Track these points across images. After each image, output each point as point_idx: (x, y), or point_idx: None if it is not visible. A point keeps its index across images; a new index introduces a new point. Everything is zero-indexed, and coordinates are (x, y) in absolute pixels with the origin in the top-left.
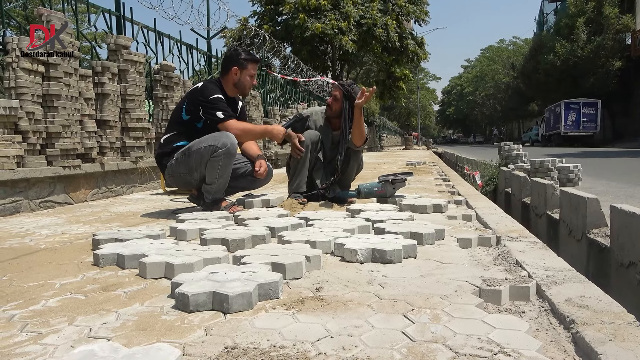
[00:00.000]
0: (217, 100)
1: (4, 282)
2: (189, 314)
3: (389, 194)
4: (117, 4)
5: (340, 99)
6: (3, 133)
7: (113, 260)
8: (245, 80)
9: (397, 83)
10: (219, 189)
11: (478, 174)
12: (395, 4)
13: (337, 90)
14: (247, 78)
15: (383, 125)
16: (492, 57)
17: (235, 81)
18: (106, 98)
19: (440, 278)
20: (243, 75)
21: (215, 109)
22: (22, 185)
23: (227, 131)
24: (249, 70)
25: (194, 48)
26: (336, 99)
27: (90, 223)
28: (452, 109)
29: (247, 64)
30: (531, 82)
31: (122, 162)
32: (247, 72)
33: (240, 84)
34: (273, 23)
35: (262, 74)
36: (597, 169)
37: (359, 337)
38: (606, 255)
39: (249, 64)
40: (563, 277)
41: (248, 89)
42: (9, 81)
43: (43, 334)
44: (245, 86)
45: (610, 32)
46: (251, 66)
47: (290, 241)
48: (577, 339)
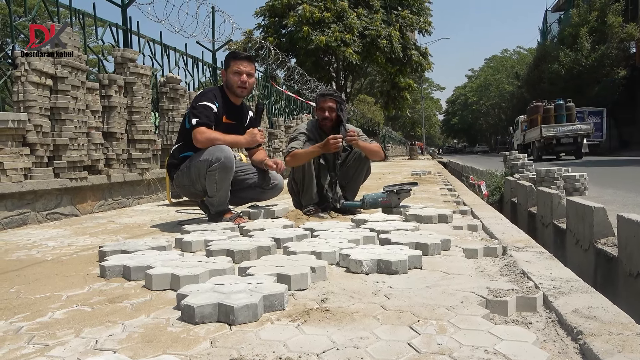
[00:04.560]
0: (201, 107)
1: (11, 294)
2: (194, 325)
3: (394, 204)
4: (124, 18)
5: (335, 107)
6: (11, 146)
7: (119, 271)
8: (231, 79)
9: (402, 93)
10: (221, 201)
11: (484, 183)
12: (399, 15)
13: (331, 101)
14: (231, 76)
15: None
16: (496, 67)
17: (225, 83)
18: (113, 110)
19: (446, 289)
20: (228, 75)
21: (193, 116)
22: (29, 197)
23: (195, 139)
24: (232, 68)
25: (200, 60)
26: (332, 109)
27: (97, 235)
28: (457, 118)
29: (229, 62)
30: (536, 91)
31: (129, 173)
32: (231, 70)
33: (227, 84)
34: (277, 35)
35: (266, 85)
36: (603, 178)
37: (364, 348)
38: (614, 265)
39: (231, 61)
40: (570, 287)
41: (237, 88)
42: (17, 95)
43: (50, 346)
44: (232, 85)
45: (614, 41)
46: (233, 63)
47: (296, 252)
48: (585, 350)
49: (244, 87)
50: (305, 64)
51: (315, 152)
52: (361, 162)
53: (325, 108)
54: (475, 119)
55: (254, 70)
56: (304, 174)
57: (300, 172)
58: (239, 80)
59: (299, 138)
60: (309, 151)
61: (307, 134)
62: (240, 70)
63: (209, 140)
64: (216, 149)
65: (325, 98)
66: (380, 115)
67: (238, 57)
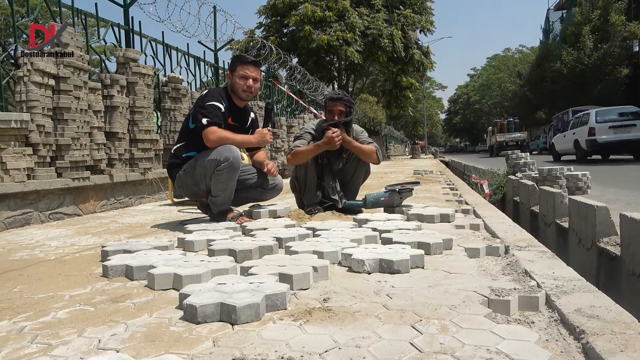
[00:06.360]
0: (210, 107)
1: (14, 294)
2: (197, 325)
3: (396, 203)
4: (126, 18)
5: (345, 111)
6: (14, 146)
7: (122, 271)
8: (236, 82)
9: (404, 92)
10: (225, 201)
11: (486, 182)
12: (401, 14)
13: (341, 105)
14: (237, 80)
15: (390, 134)
16: (498, 66)
17: (229, 86)
18: (115, 110)
19: (448, 288)
20: (234, 78)
21: (203, 116)
22: (32, 197)
23: (206, 138)
24: (238, 72)
25: (202, 60)
26: (342, 112)
27: (99, 234)
28: (459, 117)
29: (235, 66)
30: (538, 90)
31: (131, 173)
32: (237, 74)
33: (232, 87)
34: (279, 35)
35: (268, 85)
36: (606, 177)
37: (366, 348)
38: (616, 264)
39: (238, 66)
40: (573, 286)
41: (242, 92)
42: (20, 95)
43: (53, 346)
44: (237, 89)
45: (616, 40)
46: (240, 67)
47: (298, 252)
48: (588, 350)
49: (250, 92)
50: (307, 64)
51: (316, 149)
52: (360, 163)
53: (335, 112)
54: (478, 118)
55: (260, 75)
56: (306, 172)
57: (302, 171)
58: (245, 84)
59: (303, 137)
60: (311, 149)
61: (312, 133)
62: (246, 75)
63: (220, 139)
64: (224, 149)
65: (336, 102)
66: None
67: (245, 61)
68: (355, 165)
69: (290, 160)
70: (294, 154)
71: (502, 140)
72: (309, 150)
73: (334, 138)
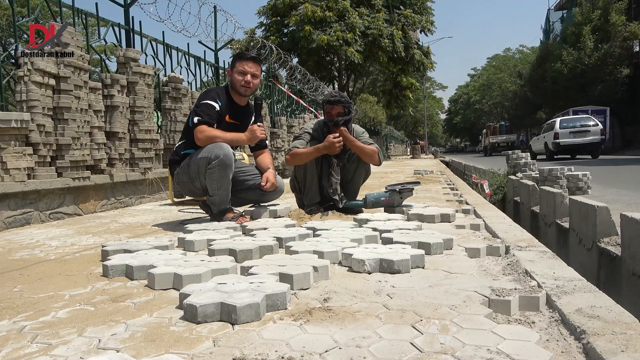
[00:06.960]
0: (203, 106)
1: (14, 294)
2: (197, 325)
3: (396, 203)
4: (127, 18)
5: (344, 112)
6: (15, 145)
7: (122, 271)
8: (235, 78)
9: (404, 92)
10: (222, 200)
11: (486, 182)
12: (401, 14)
13: (340, 107)
14: (235, 76)
15: (390, 134)
16: (499, 66)
17: (229, 83)
18: (115, 110)
19: (448, 288)
20: (233, 74)
21: (195, 114)
22: (32, 197)
23: (195, 137)
24: (237, 68)
25: (202, 60)
26: (341, 114)
27: (99, 234)
28: (459, 117)
29: (235, 62)
30: (538, 90)
31: (131, 173)
32: (236, 70)
33: (231, 83)
34: (279, 34)
35: (268, 84)
36: (606, 177)
37: (367, 348)
38: (617, 264)
39: (237, 61)
40: (573, 286)
41: (240, 87)
42: (20, 94)
43: (53, 345)
44: (236, 84)
45: (617, 40)
46: (239, 63)
47: (298, 251)
48: (588, 350)
49: (248, 86)
50: (307, 63)
51: (316, 152)
52: (360, 163)
53: (333, 115)
54: (478, 118)
55: (259, 71)
56: (305, 172)
57: (302, 171)
58: (243, 80)
59: (303, 137)
60: (310, 151)
61: (312, 133)
62: (245, 70)
63: (208, 138)
64: (215, 147)
65: (334, 105)
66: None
67: (244, 57)
68: (355, 165)
69: (289, 161)
70: (292, 155)
71: (495, 142)
72: (309, 152)
73: (335, 143)
